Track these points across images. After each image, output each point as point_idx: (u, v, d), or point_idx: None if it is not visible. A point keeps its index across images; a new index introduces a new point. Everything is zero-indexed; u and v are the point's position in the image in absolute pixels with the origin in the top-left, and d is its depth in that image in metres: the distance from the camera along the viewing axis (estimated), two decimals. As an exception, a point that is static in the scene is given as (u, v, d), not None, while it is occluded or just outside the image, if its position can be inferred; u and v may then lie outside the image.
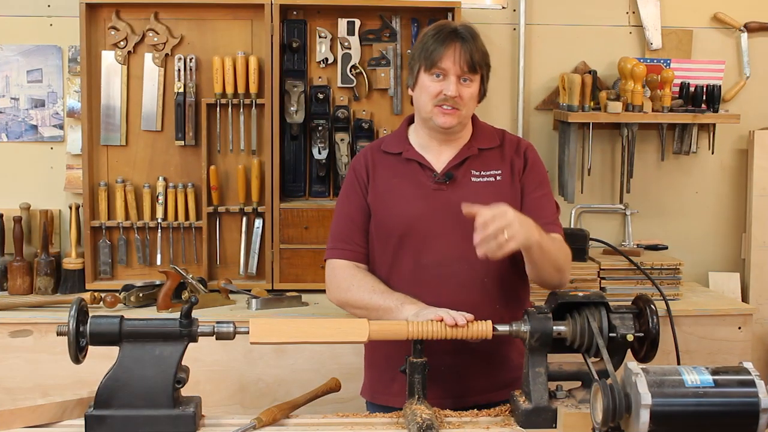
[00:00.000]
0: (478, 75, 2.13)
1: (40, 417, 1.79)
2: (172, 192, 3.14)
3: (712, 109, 3.27)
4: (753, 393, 1.52)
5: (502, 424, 1.81)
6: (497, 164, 2.18)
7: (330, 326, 1.83)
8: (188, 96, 3.12)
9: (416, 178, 2.17)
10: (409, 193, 2.16)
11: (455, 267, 2.10)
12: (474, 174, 2.16)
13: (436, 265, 2.11)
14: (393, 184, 2.19)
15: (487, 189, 2.13)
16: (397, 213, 2.16)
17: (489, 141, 2.22)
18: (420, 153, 2.19)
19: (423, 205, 2.14)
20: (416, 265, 2.13)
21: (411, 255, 2.14)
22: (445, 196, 2.13)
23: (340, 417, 1.87)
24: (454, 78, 2.09)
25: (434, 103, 2.10)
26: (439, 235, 2.12)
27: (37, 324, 2.77)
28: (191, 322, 1.78)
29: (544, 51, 3.35)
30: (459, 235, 2.07)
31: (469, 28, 2.16)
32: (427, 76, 2.11)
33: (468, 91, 2.11)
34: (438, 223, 2.12)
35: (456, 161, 2.16)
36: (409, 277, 2.14)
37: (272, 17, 3.06)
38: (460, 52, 2.09)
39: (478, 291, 2.10)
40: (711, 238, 3.47)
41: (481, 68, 2.13)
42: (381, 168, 2.22)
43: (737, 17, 3.38)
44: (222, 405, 2.75)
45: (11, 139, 3.25)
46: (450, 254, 2.10)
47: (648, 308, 1.81)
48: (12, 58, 3.22)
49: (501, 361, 2.12)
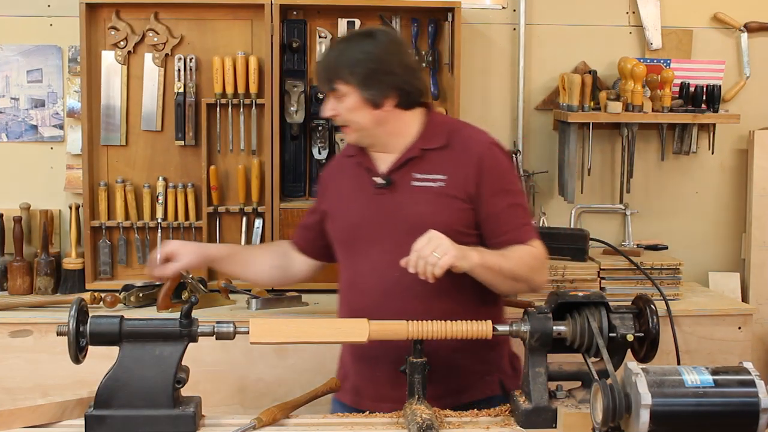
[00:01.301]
0: (347, 87, 2.05)
1: (40, 417, 1.79)
2: (172, 192, 3.14)
3: (712, 109, 3.27)
4: (753, 393, 1.52)
5: (502, 424, 1.81)
6: (442, 168, 2.08)
7: (330, 326, 1.83)
8: (188, 96, 3.12)
9: (362, 182, 2.14)
10: (353, 199, 2.15)
11: (391, 273, 2.02)
12: (415, 178, 2.08)
13: (372, 271, 2.08)
14: (342, 191, 2.19)
15: (427, 195, 2.05)
16: (341, 219, 2.16)
17: (434, 141, 2.11)
18: (370, 157, 2.16)
19: (362, 211, 2.12)
20: (355, 272, 2.12)
21: (352, 262, 2.13)
22: (384, 201, 2.09)
23: (340, 417, 1.87)
24: (330, 96, 2.09)
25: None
26: (376, 242, 2.08)
27: (37, 324, 2.77)
28: (191, 322, 1.78)
29: (544, 51, 3.35)
30: (395, 241, 2.03)
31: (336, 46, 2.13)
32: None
33: (342, 106, 2.07)
34: (376, 230, 2.09)
35: (397, 164, 2.10)
36: (349, 283, 2.14)
37: (272, 17, 3.06)
38: (319, 71, 2.11)
39: (410, 298, 2.04)
40: (711, 238, 3.47)
41: (342, 82, 2.05)
42: (341, 173, 2.24)
43: (737, 17, 3.38)
44: (222, 405, 2.75)
45: (11, 139, 3.25)
46: (385, 260, 2.04)
47: (648, 308, 1.81)
48: (12, 58, 3.22)
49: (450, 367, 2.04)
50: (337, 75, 2.06)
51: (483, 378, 2.11)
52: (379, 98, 2.07)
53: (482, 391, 2.10)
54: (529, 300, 2.87)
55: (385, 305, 2.03)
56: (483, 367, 2.10)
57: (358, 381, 2.14)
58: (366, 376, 2.13)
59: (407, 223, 2.04)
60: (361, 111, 2.08)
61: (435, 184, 2.07)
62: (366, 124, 2.09)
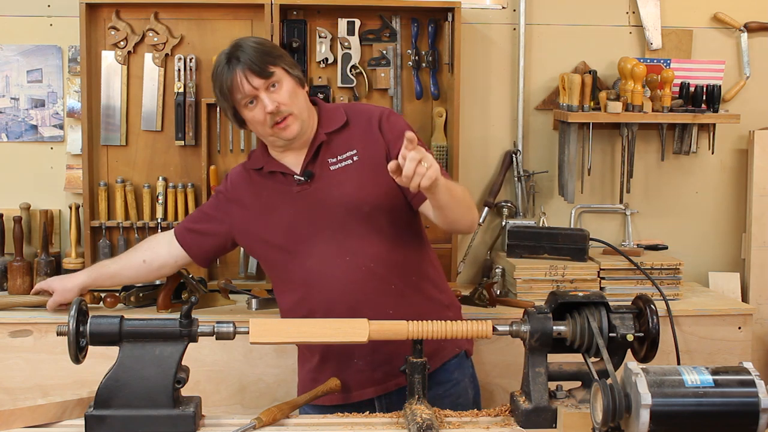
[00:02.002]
0: (277, 71, 2.08)
1: (40, 417, 1.79)
2: (172, 192, 3.14)
3: (712, 109, 3.27)
4: (753, 393, 1.52)
5: (502, 424, 1.81)
6: (350, 144, 2.14)
7: (330, 326, 1.83)
8: (188, 96, 3.12)
9: (280, 187, 2.18)
10: (278, 204, 2.17)
11: (338, 261, 2.09)
12: (331, 162, 2.14)
13: (320, 264, 2.11)
14: (262, 201, 2.20)
15: (348, 173, 2.10)
16: (271, 227, 2.18)
17: (335, 122, 2.17)
18: (280, 162, 2.19)
19: (291, 211, 2.15)
20: (302, 271, 2.14)
21: (296, 264, 2.15)
22: (310, 195, 2.14)
23: (340, 417, 1.87)
24: (263, 94, 2.07)
25: (269, 126, 2.10)
26: (314, 236, 2.12)
27: (37, 324, 2.77)
28: (191, 322, 1.78)
29: (544, 51, 3.35)
30: (334, 228, 2.09)
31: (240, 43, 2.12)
32: (244, 111, 2.11)
33: (282, 93, 2.09)
34: (312, 225, 2.12)
35: (310, 156, 2.15)
36: (301, 283, 2.16)
37: (272, 17, 3.06)
38: (242, 72, 2.07)
39: (367, 278, 2.09)
40: (711, 238, 3.47)
41: (272, 65, 2.08)
42: (250, 187, 2.24)
43: (737, 17, 3.38)
44: (222, 405, 2.75)
45: (11, 139, 3.25)
46: (329, 251, 2.10)
47: (648, 308, 1.81)
48: (12, 58, 3.22)
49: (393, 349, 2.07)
50: (268, 61, 2.07)
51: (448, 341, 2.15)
52: (302, 77, 2.15)
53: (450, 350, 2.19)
54: (529, 300, 2.87)
55: (348, 291, 2.08)
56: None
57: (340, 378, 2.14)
58: (344, 371, 2.14)
59: (340, 207, 2.10)
60: (298, 92, 2.13)
61: (350, 161, 2.13)
62: (305, 106, 2.14)
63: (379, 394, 2.14)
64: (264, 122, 2.10)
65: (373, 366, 2.10)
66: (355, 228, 2.10)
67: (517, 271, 2.98)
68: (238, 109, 2.13)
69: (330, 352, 2.16)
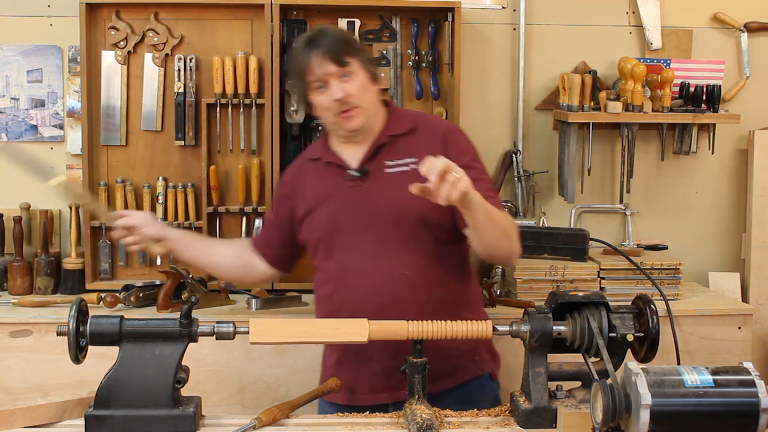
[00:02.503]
0: (353, 64, 2.09)
1: (40, 417, 1.79)
2: (172, 192, 3.14)
3: (712, 109, 3.28)
4: (753, 393, 1.52)
5: (502, 424, 1.81)
6: (411, 151, 2.13)
7: (330, 326, 1.83)
8: (188, 96, 3.12)
9: (335, 180, 2.18)
10: (328, 196, 2.18)
11: (374, 262, 2.09)
12: (388, 165, 2.14)
13: (356, 262, 2.12)
14: (315, 191, 2.21)
15: (402, 179, 2.07)
16: (318, 218, 2.18)
17: (400, 127, 2.18)
18: (337, 154, 2.20)
19: (340, 205, 2.15)
20: (339, 265, 2.15)
21: (335, 257, 2.16)
22: (361, 192, 2.14)
23: (340, 417, 1.87)
24: (334, 81, 2.08)
25: (334, 113, 2.10)
26: (357, 233, 2.12)
27: (37, 324, 2.77)
28: (191, 322, 1.78)
29: (544, 51, 3.35)
30: (377, 230, 2.10)
31: (323, 30, 2.14)
32: (313, 94, 2.12)
33: (353, 84, 2.09)
34: (356, 222, 2.13)
35: (369, 154, 2.15)
36: (335, 279, 2.16)
37: (272, 17, 3.06)
38: (320, 55, 2.07)
39: (399, 285, 2.09)
40: (711, 238, 3.47)
41: (349, 56, 2.09)
42: (306, 177, 2.25)
43: (737, 17, 3.38)
44: (222, 405, 2.75)
45: (11, 139, 3.25)
46: (368, 250, 2.10)
47: (648, 308, 1.81)
48: (12, 58, 3.22)
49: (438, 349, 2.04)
50: (345, 51, 2.08)
51: (472, 358, 2.16)
52: (376, 73, 2.15)
53: (472, 371, 2.16)
54: (529, 300, 2.87)
55: (378, 296, 2.07)
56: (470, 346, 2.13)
57: (352, 379, 2.14)
58: (360, 372, 2.14)
59: (387, 210, 2.10)
60: (369, 87, 2.13)
61: (407, 168, 2.12)
62: (374, 102, 2.14)
63: (393, 401, 2.11)
64: (329, 108, 2.10)
65: (389, 372, 2.07)
66: (397, 234, 2.10)
67: (517, 271, 2.98)
68: (308, 92, 2.13)
69: (348, 352, 2.15)
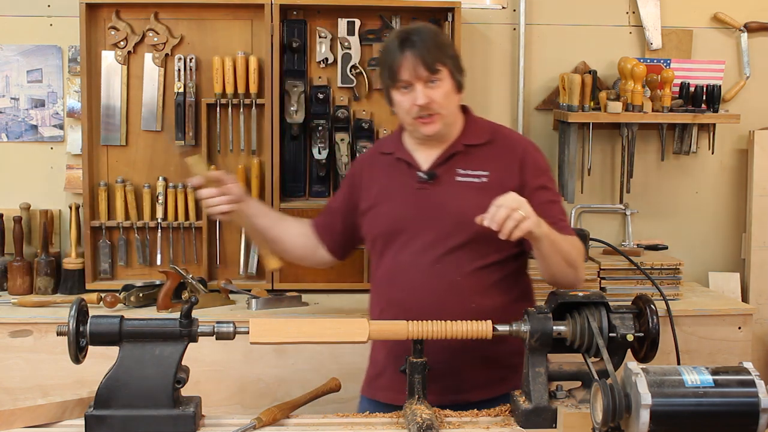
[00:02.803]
0: (442, 72, 2.06)
1: (40, 417, 1.79)
2: (172, 192, 3.14)
3: (712, 109, 3.28)
4: (753, 393, 1.52)
5: (502, 424, 1.81)
6: (485, 164, 2.12)
7: (330, 326, 1.83)
8: (188, 96, 3.12)
9: (403, 178, 2.17)
10: (395, 194, 2.17)
11: (427, 266, 2.08)
12: (459, 173, 2.12)
13: (411, 264, 2.10)
14: (382, 185, 2.20)
15: (471, 190, 2.07)
16: (381, 213, 2.18)
17: (478, 137, 2.16)
18: (410, 152, 2.18)
19: (404, 205, 2.14)
20: (395, 265, 2.14)
21: (390, 255, 2.15)
22: (427, 195, 2.12)
23: (340, 417, 1.87)
24: (420, 86, 2.05)
25: (412, 116, 2.09)
26: (417, 235, 2.11)
27: (37, 324, 2.77)
28: (191, 322, 1.78)
29: (544, 51, 3.35)
30: (437, 235, 2.08)
31: (420, 29, 2.10)
32: (396, 93, 2.10)
33: (438, 92, 2.06)
34: (418, 224, 2.11)
35: (441, 159, 2.13)
36: (388, 276, 2.15)
37: (272, 17, 3.06)
38: (412, 59, 2.04)
39: (449, 291, 2.07)
40: (711, 238, 3.47)
41: (441, 64, 2.06)
42: (376, 169, 2.24)
43: (737, 17, 3.38)
44: (222, 405, 2.75)
45: (11, 139, 3.25)
46: (427, 254, 2.09)
47: (648, 308, 1.81)
48: (12, 58, 3.22)
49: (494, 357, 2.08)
50: (438, 58, 2.05)
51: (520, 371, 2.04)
52: (463, 83, 2.12)
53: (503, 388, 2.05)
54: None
55: (426, 298, 2.06)
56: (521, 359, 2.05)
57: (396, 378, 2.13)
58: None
59: (450, 217, 2.08)
60: (453, 96, 2.11)
61: (478, 180, 2.10)
62: (454, 110, 2.12)
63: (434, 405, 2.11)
64: (409, 111, 2.08)
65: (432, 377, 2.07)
66: (456, 242, 2.08)
67: (517, 271, 2.98)
68: (391, 88, 2.12)
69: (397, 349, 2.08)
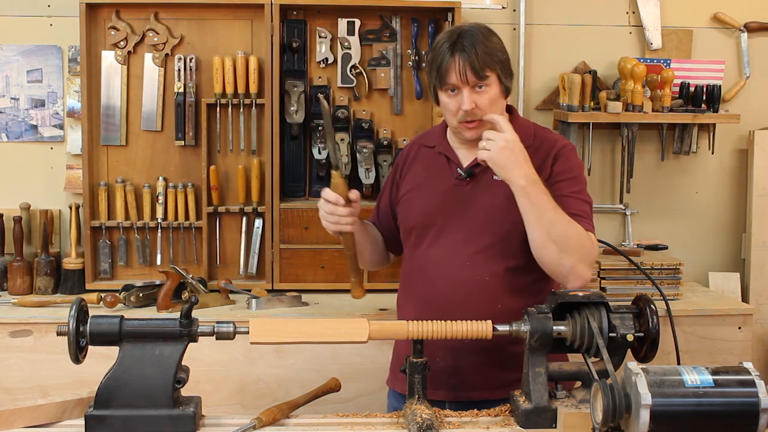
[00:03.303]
0: (490, 77, 2.04)
1: (40, 417, 1.79)
2: (172, 192, 3.14)
3: (712, 109, 3.28)
4: (753, 393, 1.52)
5: (502, 424, 1.81)
6: None
7: (330, 326, 1.83)
8: (188, 96, 3.12)
9: (442, 172, 2.18)
10: (432, 187, 2.18)
11: (457, 263, 2.10)
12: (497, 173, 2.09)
13: (440, 260, 2.12)
14: (421, 178, 2.21)
15: (506, 190, 2.03)
16: (416, 205, 2.19)
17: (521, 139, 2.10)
18: (451, 148, 2.19)
19: (440, 200, 2.15)
20: (424, 259, 2.15)
21: (422, 248, 2.16)
22: (464, 192, 2.13)
23: (340, 417, 1.87)
24: (467, 91, 2.03)
25: (457, 120, 2.08)
26: (449, 231, 2.13)
27: (37, 324, 2.77)
28: (191, 322, 1.78)
29: (544, 51, 3.35)
30: (469, 232, 2.10)
31: (472, 32, 2.06)
32: (443, 94, 2.09)
33: (485, 97, 2.04)
34: (450, 219, 2.13)
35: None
36: (417, 269, 2.17)
37: (272, 17, 3.06)
38: (461, 63, 2.02)
39: (477, 289, 2.09)
40: (711, 238, 3.47)
41: (490, 70, 2.03)
42: (418, 160, 2.25)
43: (737, 17, 3.38)
44: (222, 405, 2.75)
45: (11, 139, 3.25)
46: (455, 249, 2.11)
47: (648, 308, 1.81)
48: (12, 58, 3.22)
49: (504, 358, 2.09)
50: (487, 63, 2.03)
51: None
52: (510, 88, 2.11)
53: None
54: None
55: (453, 295, 2.08)
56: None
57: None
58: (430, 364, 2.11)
59: (483, 215, 2.09)
60: (499, 101, 2.09)
61: None
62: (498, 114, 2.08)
63: (450, 400, 2.11)
64: (455, 114, 2.07)
65: (449, 372, 2.08)
66: (488, 240, 2.09)
67: (517, 271, 2.97)
68: (439, 88, 2.10)
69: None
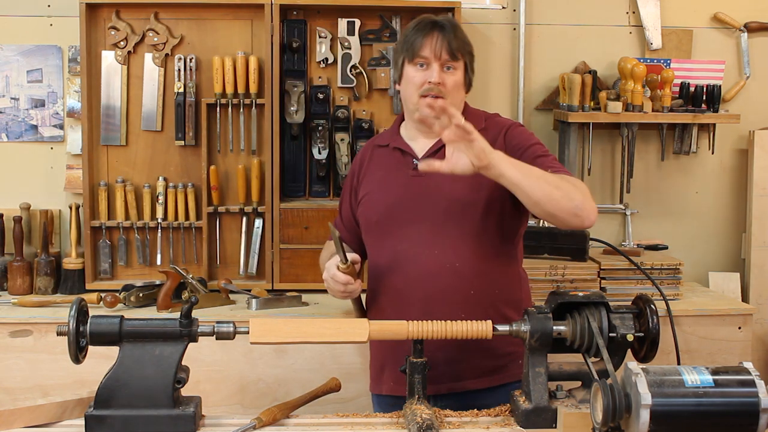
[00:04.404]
0: (460, 62, 2.13)
1: (40, 417, 1.79)
2: (172, 192, 3.14)
3: (712, 109, 3.28)
4: (753, 393, 1.52)
5: (502, 424, 1.81)
6: None
7: (330, 326, 1.83)
8: (188, 96, 3.12)
9: (398, 167, 2.20)
10: (390, 182, 2.20)
11: (426, 252, 2.11)
12: None
13: (408, 251, 2.13)
14: (378, 176, 2.23)
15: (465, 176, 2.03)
16: (377, 201, 2.20)
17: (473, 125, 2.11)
18: (405, 141, 2.22)
19: (399, 193, 2.17)
20: (392, 252, 2.16)
21: (388, 242, 2.17)
22: (422, 182, 2.14)
23: (340, 417, 1.87)
24: (437, 66, 2.10)
25: (420, 94, 2.12)
26: (412, 222, 2.14)
27: (37, 324, 2.77)
28: (191, 322, 1.78)
29: (544, 51, 3.35)
30: (434, 220, 2.11)
31: (449, 19, 2.18)
32: (411, 67, 2.14)
33: (452, 78, 2.12)
34: (412, 210, 2.15)
35: (435, 147, 2.16)
36: (385, 263, 2.18)
37: (272, 17, 3.06)
38: (439, 40, 2.11)
39: (449, 276, 2.10)
40: (711, 238, 3.47)
41: (462, 56, 2.13)
42: (373, 162, 2.27)
43: (737, 17, 3.38)
44: (222, 405, 2.75)
45: (11, 139, 3.25)
46: (422, 240, 2.12)
47: (648, 308, 1.81)
48: (12, 58, 3.22)
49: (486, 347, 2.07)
50: (461, 48, 2.12)
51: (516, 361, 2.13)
52: (471, 82, 2.19)
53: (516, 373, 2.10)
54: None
55: (427, 284, 2.09)
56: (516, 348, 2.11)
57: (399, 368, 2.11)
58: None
59: (446, 201, 2.12)
60: (459, 89, 2.16)
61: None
62: (458, 104, 2.16)
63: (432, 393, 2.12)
64: (418, 87, 2.12)
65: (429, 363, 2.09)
66: (453, 225, 2.11)
67: (517, 271, 2.98)
68: (405, 63, 2.15)
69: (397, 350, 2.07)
